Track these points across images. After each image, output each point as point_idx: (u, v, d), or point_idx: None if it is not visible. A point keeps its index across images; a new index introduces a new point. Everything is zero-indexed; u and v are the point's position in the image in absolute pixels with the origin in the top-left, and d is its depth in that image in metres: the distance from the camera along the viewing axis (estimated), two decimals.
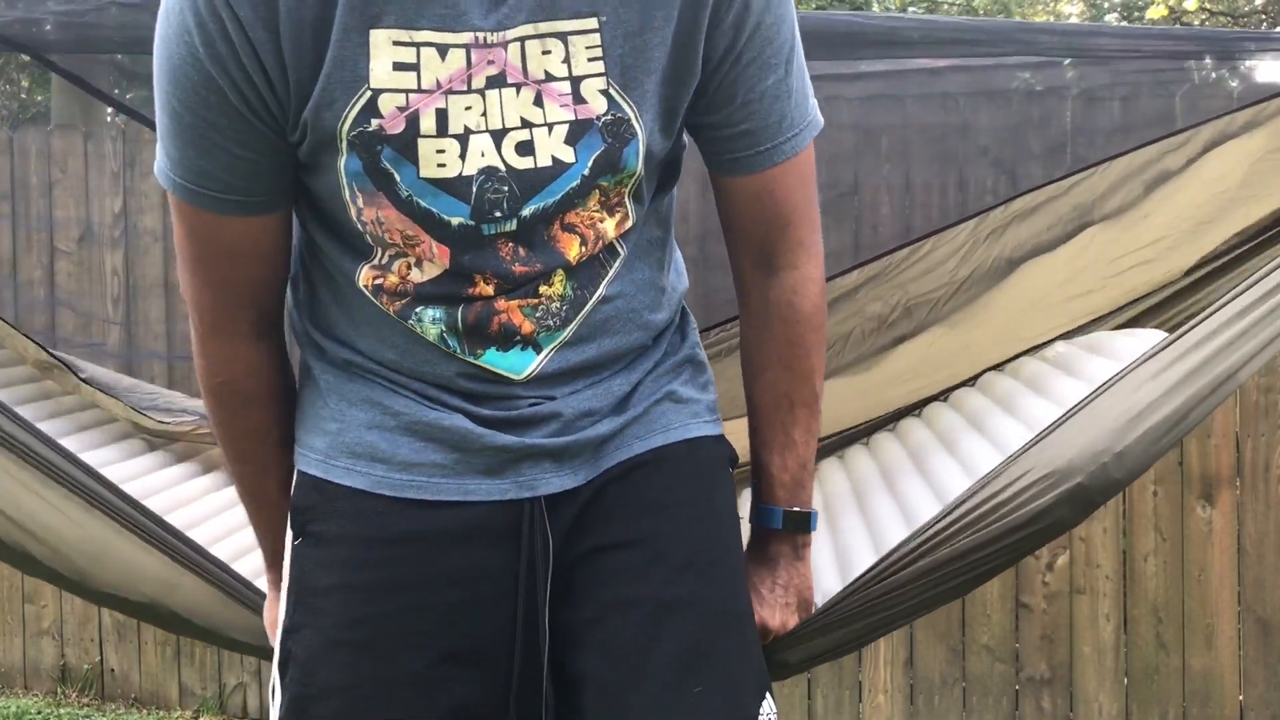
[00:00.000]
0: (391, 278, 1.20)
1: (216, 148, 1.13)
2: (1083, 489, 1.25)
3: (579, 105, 1.14)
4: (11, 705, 3.79)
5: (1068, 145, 3.35)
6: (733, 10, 1.17)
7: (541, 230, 1.18)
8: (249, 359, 1.28)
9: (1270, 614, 3.27)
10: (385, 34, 1.09)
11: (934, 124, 3.43)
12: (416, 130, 1.11)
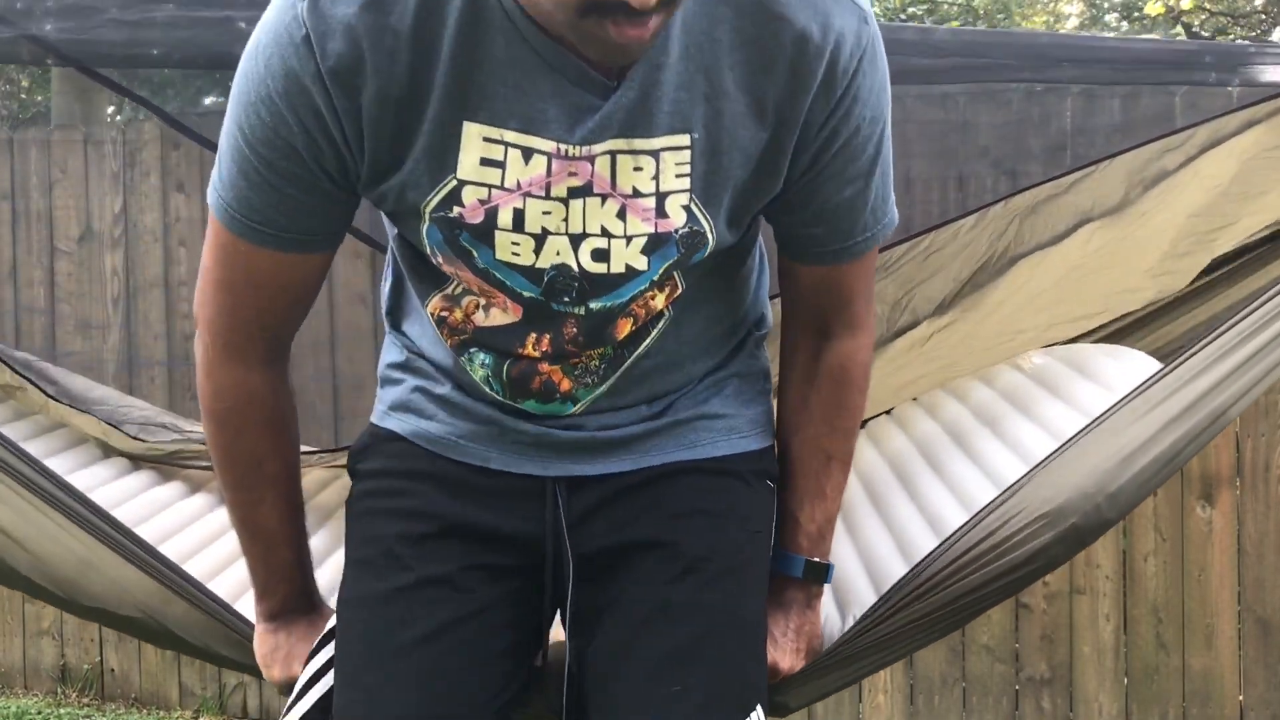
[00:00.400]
0: (457, 313, 1.26)
1: (278, 192, 1.15)
2: (1076, 529, 1.28)
3: (660, 219, 1.16)
4: (11, 705, 3.79)
5: (1068, 145, 3.35)
6: (822, 133, 1.17)
7: (606, 322, 1.23)
8: (255, 386, 1.29)
9: (1270, 614, 3.27)
10: (478, 128, 1.11)
11: (934, 122, 3.43)
12: (494, 223, 1.15)
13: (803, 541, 1.38)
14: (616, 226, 1.16)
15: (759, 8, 1.11)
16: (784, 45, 1.12)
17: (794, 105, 1.15)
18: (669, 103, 1.13)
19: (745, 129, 1.15)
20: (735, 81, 1.13)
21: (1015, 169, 3.35)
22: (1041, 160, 3.33)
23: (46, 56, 1.94)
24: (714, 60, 1.13)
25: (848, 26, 1.14)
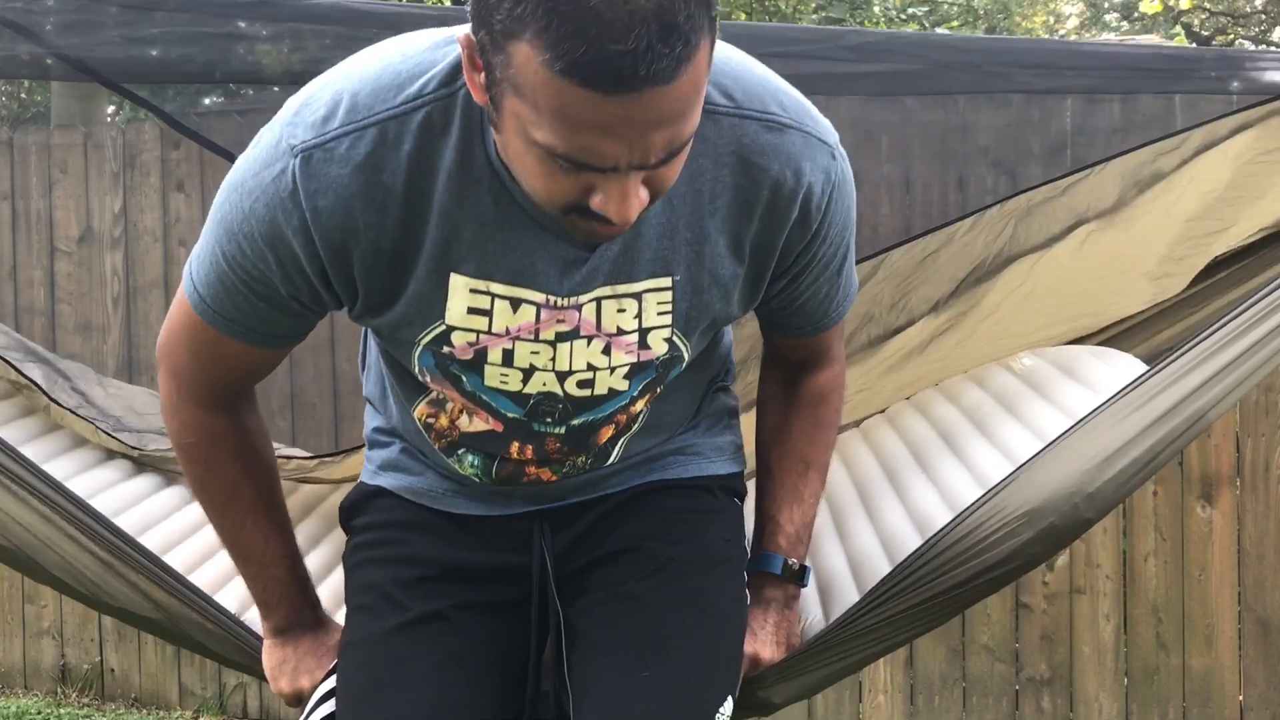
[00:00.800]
0: (443, 419, 1.33)
1: (250, 305, 1.21)
2: (1054, 528, 1.30)
3: (643, 350, 1.24)
4: (11, 705, 3.79)
5: (1068, 145, 3.35)
6: (800, 260, 1.26)
7: (588, 434, 1.32)
8: (220, 423, 1.33)
9: (1270, 614, 3.27)
10: (463, 280, 1.17)
11: (934, 123, 3.43)
12: (484, 359, 1.23)
13: (781, 541, 1.45)
14: (601, 360, 1.24)
15: (737, 159, 1.17)
16: (761, 191, 1.18)
17: (771, 241, 1.22)
18: (651, 250, 1.19)
19: (724, 267, 1.22)
20: (715, 226, 1.19)
21: (1015, 170, 3.35)
22: (1041, 161, 3.33)
23: (53, 68, 1.97)
24: (695, 209, 1.18)
25: (818, 166, 1.20)
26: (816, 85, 2.05)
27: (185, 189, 3.76)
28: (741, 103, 1.17)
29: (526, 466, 1.34)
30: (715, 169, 1.17)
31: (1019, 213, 2.04)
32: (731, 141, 1.16)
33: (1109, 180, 2.03)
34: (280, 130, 1.13)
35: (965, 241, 2.03)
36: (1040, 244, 2.03)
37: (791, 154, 1.18)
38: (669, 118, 0.98)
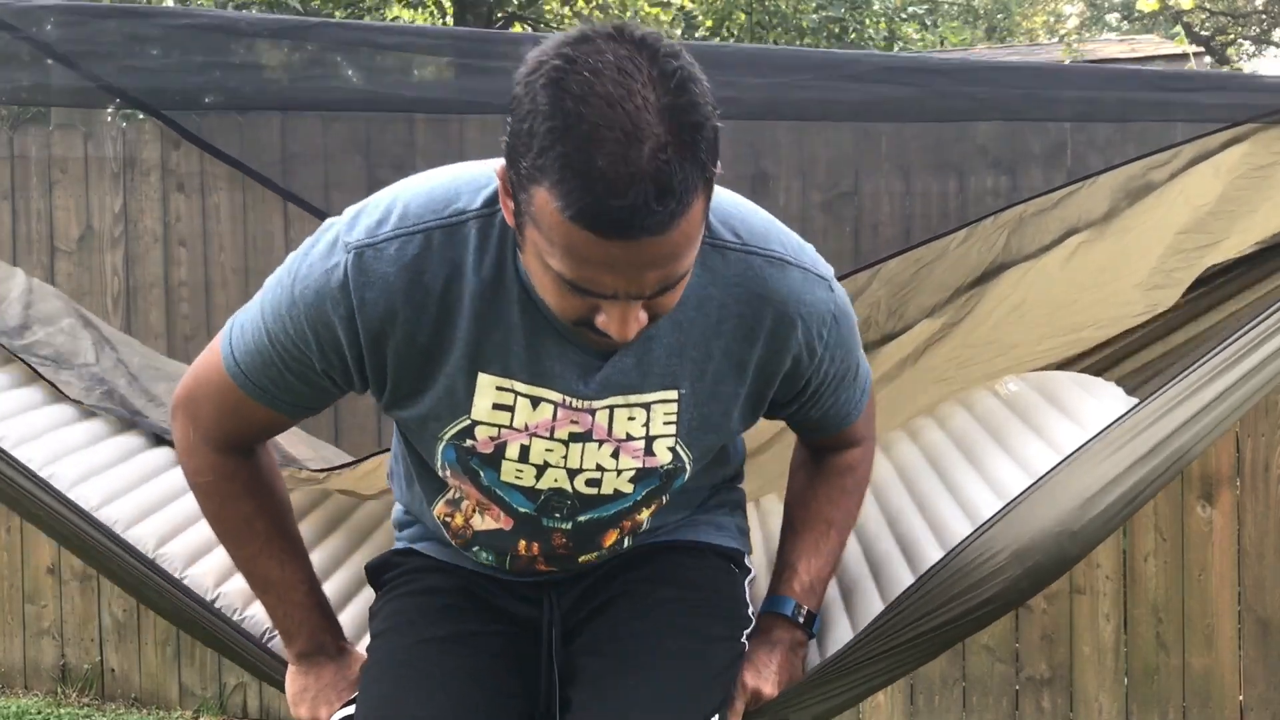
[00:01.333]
0: (458, 518, 1.45)
1: (283, 378, 1.34)
2: (1040, 566, 1.36)
3: (648, 457, 1.37)
4: (12, 705, 3.79)
5: (1067, 145, 3.35)
6: (810, 384, 1.40)
7: (594, 533, 1.43)
8: (233, 464, 1.44)
9: (1270, 614, 3.27)
10: (490, 379, 1.31)
11: (934, 124, 3.43)
12: (502, 454, 1.35)
13: (795, 587, 1.52)
14: (610, 463, 1.36)
15: (743, 290, 1.30)
16: (764, 320, 1.32)
17: (773, 365, 1.35)
18: (660, 366, 1.32)
19: (727, 385, 1.35)
20: (720, 348, 1.33)
21: (1015, 169, 3.35)
22: (1041, 161, 3.33)
23: (106, 95, 2.01)
24: (702, 332, 1.31)
25: (816, 299, 1.34)
26: (811, 110, 2.08)
27: (185, 189, 3.77)
28: (747, 241, 1.31)
29: (536, 561, 1.46)
30: (722, 297, 1.31)
31: (1012, 223, 2.07)
32: (738, 274, 1.30)
33: (1101, 192, 2.06)
34: (338, 231, 1.28)
35: (960, 252, 2.06)
36: (1032, 253, 2.06)
37: (792, 287, 1.32)
38: (661, 260, 1.12)
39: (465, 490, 1.40)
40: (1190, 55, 5.63)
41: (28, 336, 2.07)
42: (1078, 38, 7.39)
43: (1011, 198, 2.55)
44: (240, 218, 3.64)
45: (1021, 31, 16.87)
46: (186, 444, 1.44)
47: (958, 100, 1.94)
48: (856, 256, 3.19)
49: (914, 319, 2.08)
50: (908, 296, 2.07)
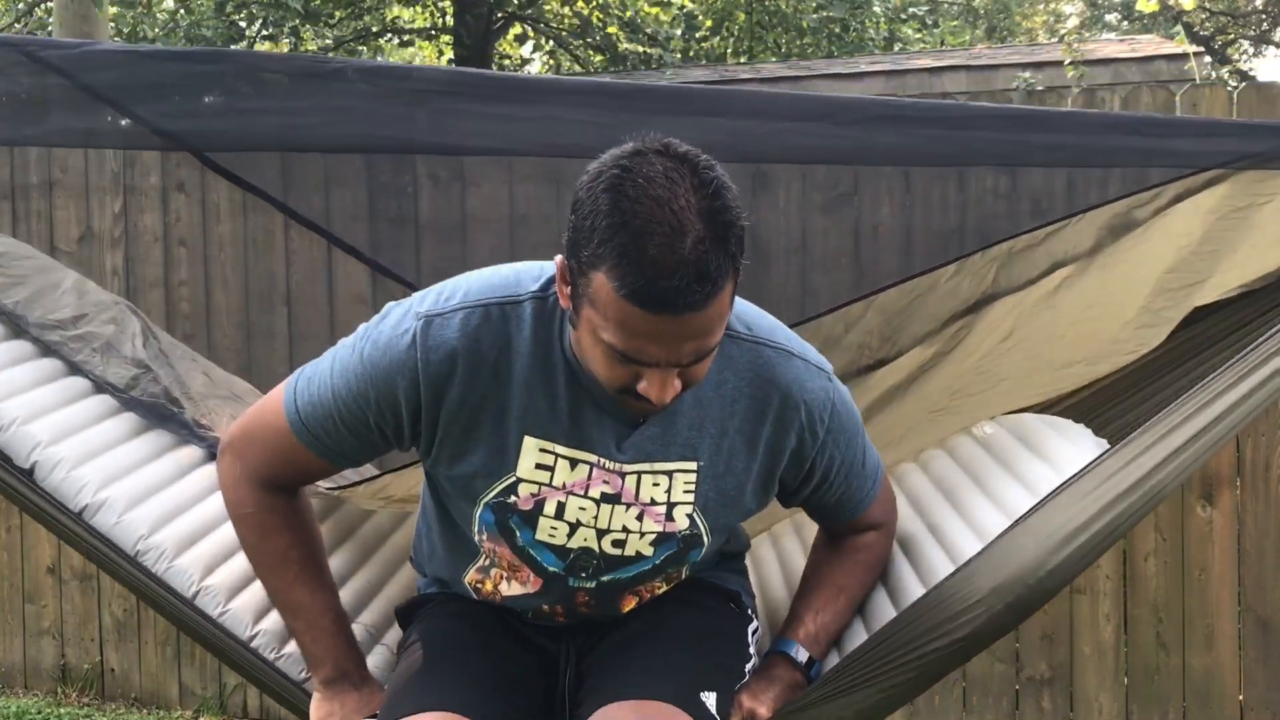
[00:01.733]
0: (488, 584, 1.62)
1: (337, 431, 1.54)
2: (1021, 600, 1.47)
3: (668, 522, 1.55)
4: (12, 705, 3.79)
5: (1067, 145, 3.34)
6: (819, 465, 1.59)
7: (614, 595, 1.61)
8: (275, 500, 1.61)
9: (1270, 614, 3.27)
10: (535, 442, 1.50)
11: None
12: (540, 510, 1.53)
13: (800, 633, 1.65)
14: (634, 525, 1.54)
15: (754, 375, 1.52)
16: (772, 401, 1.53)
17: (781, 442, 1.55)
18: (682, 438, 1.52)
19: (739, 460, 1.55)
20: (734, 425, 1.53)
21: (1015, 170, 3.35)
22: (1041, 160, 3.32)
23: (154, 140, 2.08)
24: (719, 410, 1.52)
25: (817, 386, 1.56)
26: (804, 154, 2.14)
27: (185, 189, 3.77)
28: (757, 334, 1.54)
29: (558, 616, 1.63)
30: (736, 380, 1.52)
31: (1001, 258, 2.18)
32: (750, 362, 1.53)
33: (1086, 228, 2.15)
34: (410, 304, 1.51)
35: (951, 285, 2.18)
36: (1020, 286, 2.17)
37: (796, 375, 1.54)
38: (697, 334, 1.35)
39: (499, 553, 1.57)
40: (1190, 55, 5.63)
41: (82, 326, 2.14)
42: (1078, 37, 7.39)
43: (1011, 198, 2.55)
44: (240, 218, 3.64)
45: (1021, 31, 16.86)
46: (233, 481, 1.61)
47: (946, 146, 2.03)
48: (857, 255, 3.19)
49: (906, 346, 2.18)
50: (901, 325, 2.19)
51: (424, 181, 3.39)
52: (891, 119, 1.97)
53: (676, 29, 11.12)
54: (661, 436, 1.52)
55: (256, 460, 1.59)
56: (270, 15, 10.57)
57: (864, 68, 7.29)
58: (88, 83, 1.92)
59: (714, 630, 1.66)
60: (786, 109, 2.06)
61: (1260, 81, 3.68)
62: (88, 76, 1.92)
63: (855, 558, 1.71)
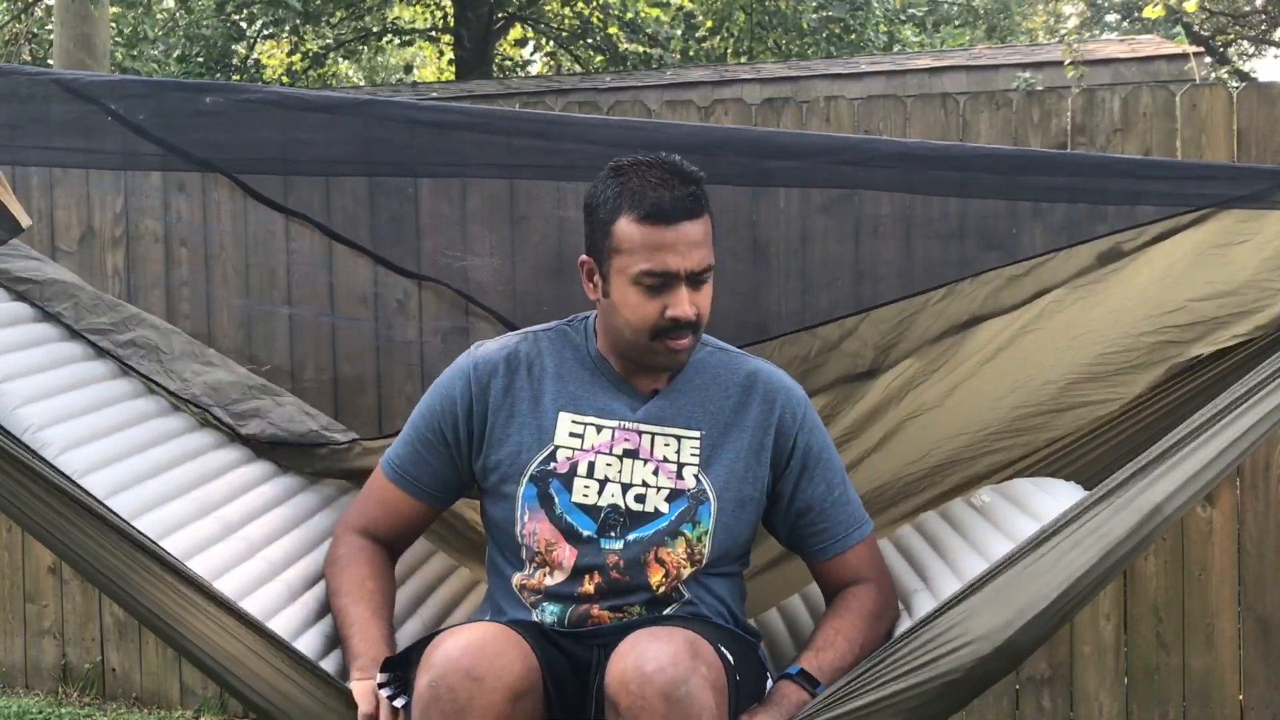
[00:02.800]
0: (533, 581, 1.89)
1: (417, 453, 1.98)
2: (1011, 643, 1.59)
3: (679, 480, 1.90)
4: (12, 705, 3.79)
5: (1068, 145, 3.35)
6: (795, 452, 1.95)
7: (639, 554, 1.86)
8: (363, 544, 2.01)
9: (1270, 614, 3.28)
10: (569, 416, 1.92)
11: (934, 124, 3.43)
12: (575, 472, 1.89)
13: (804, 662, 1.82)
14: (651, 480, 1.89)
15: (740, 372, 1.97)
16: (757, 387, 1.96)
17: (767, 418, 1.94)
18: (686, 411, 1.93)
19: (733, 432, 1.93)
20: (729, 406, 1.94)
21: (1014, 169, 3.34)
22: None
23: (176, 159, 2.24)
24: (716, 393, 1.95)
25: (792, 385, 1.99)
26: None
27: (186, 189, 3.77)
28: (743, 352, 2.04)
29: (592, 607, 1.85)
30: (727, 375, 1.97)
31: (991, 281, 2.32)
32: (737, 364, 1.98)
33: (1073, 259, 2.28)
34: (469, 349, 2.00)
35: (939, 307, 2.35)
36: (1006, 308, 2.32)
37: (774, 374, 1.99)
38: (699, 242, 1.81)
39: (539, 534, 1.86)
40: (1190, 55, 5.64)
41: (129, 330, 2.33)
42: (1077, 38, 7.39)
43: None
44: (241, 217, 3.64)
45: (1022, 31, 16.86)
46: (337, 537, 2.03)
47: (942, 184, 2.30)
48: (857, 255, 3.19)
49: (898, 359, 2.37)
50: (893, 340, 2.37)
51: (424, 181, 3.39)
52: (898, 157, 2.18)
53: (676, 29, 11.12)
54: (670, 406, 1.92)
55: (355, 510, 2.03)
56: (270, 15, 10.57)
57: (864, 68, 7.29)
58: (117, 113, 2.08)
59: (733, 641, 1.86)
60: (788, 144, 2.28)
61: (1260, 81, 3.68)
62: (118, 107, 2.08)
63: (849, 604, 1.92)
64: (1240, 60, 16.75)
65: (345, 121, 2.17)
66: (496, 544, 1.96)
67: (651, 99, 6.49)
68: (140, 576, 1.71)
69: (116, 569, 1.71)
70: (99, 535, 1.72)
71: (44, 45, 9.80)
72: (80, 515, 1.72)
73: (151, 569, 1.72)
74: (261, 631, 1.74)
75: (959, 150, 2.50)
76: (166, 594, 1.71)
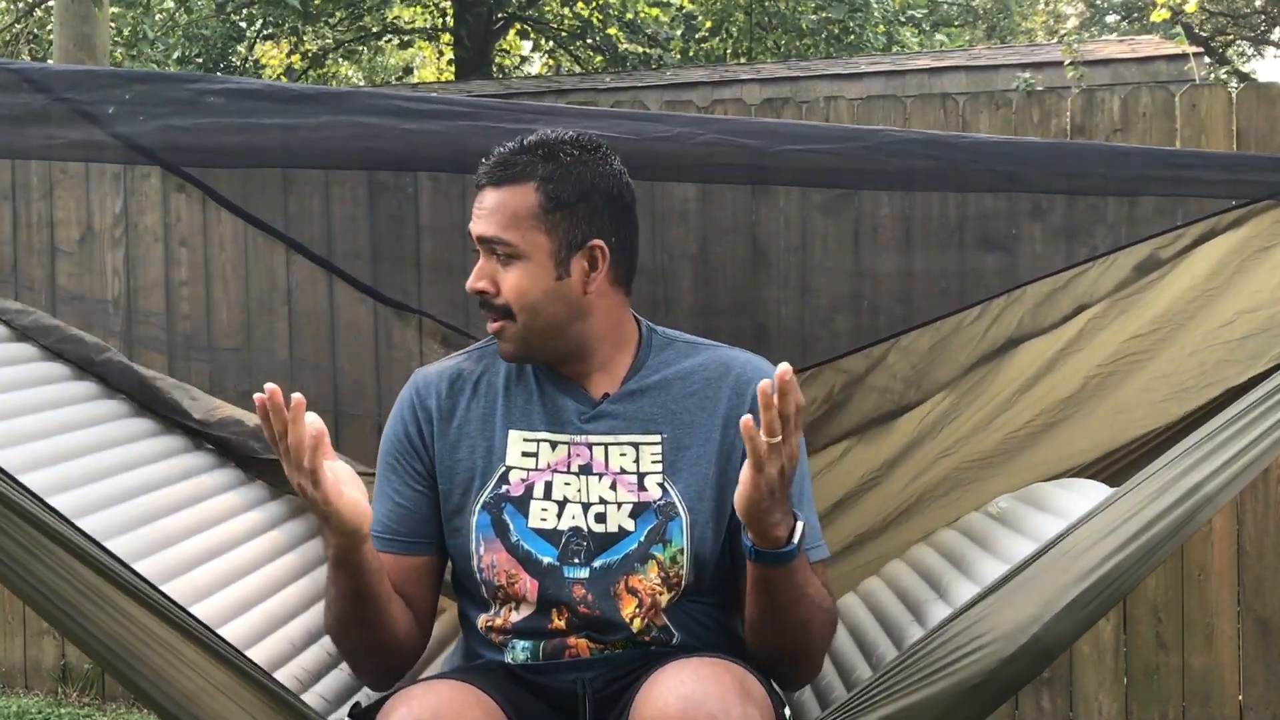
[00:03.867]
0: (499, 620, 1.69)
1: (383, 496, 1.74)
2: (1036, 641, 1.39)
3: (641, 491, 1.67)
4: (12, 705, 3.79)
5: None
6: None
7: (608, 585, 1.65)
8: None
9: (1270, 614, 3.28)
10: (518, 433, 1.71)
11: (934, 124, 3.43)
12: (530, 494, 1.69)
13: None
14: (610, 495, 1.67)
15: (710, 362, 1.74)
16: (728, 378, 1.72)
17: (737, 414, 1.62)
18: (644, 414, 1.70)
19: (700, 430, 1.69)
20: (694, 403, 1.71)
21: (1015, 169, 3.35)
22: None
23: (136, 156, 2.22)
24: (677, 390, 1.72)
25: (767, 369, 1.69)
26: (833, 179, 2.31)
27: (186, 189, 3.75)
28: (717, 345, 1.78)
29: (567, 638, 1.66)
30: (693, 366, 1.73)
31: (1025, 300, 2.16)
32: (707, 356, 1.74)
33: (1112, 271, 2.13)
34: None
35: (974, 329, 2.16)
36: (1045, 328, 2.14)
37: (748, 360, 1.75)
38: (493, 208, 1.65)
39: (496, 561, 1.67)
40: (1190, 55, 5.64)
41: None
42: (1077, 38, 7.39)
43: (1012, 196, 2.55)
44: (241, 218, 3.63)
45: (1021, 31, 16.87)
46: None
47: (975, 175, 2.13)
48: (856, 255, 3.19)
49: (930, 391, 2.16)
50: (925, 369, 2.16)
51: (424, 181, 3.39)
52: (920, 143, 2.07)
53: (676, 30, 11.12)
54: (623, 413, 1.71)
55: None
56: (270, 15, 10.57)
57: (864, 68, 7.30)
58: (69, 99, 2.06)
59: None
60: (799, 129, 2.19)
61: (1260, 82, 3.68)
62: (73, 96, 2.05)
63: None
64: (1240, 60, 16.76)
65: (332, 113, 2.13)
66: (459, 585, 1.76)
67: (651, 99, 6.49)
68: (94, 603, 1.37)
69: (63, 592, 1.37)
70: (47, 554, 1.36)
71: (44, 45, 9.80)
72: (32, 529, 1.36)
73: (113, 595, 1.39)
74: (234, 665, 1.44)
75: (990, 143, 2.35)
76: (123, 623, 1.38)
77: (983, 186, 2.24)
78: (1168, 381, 2.06)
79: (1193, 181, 2.03)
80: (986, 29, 16.11)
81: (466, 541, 1.69)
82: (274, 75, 12.08)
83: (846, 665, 1.88)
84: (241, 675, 1.43)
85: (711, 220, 3.16)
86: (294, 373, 3.60)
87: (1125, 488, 1.51)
